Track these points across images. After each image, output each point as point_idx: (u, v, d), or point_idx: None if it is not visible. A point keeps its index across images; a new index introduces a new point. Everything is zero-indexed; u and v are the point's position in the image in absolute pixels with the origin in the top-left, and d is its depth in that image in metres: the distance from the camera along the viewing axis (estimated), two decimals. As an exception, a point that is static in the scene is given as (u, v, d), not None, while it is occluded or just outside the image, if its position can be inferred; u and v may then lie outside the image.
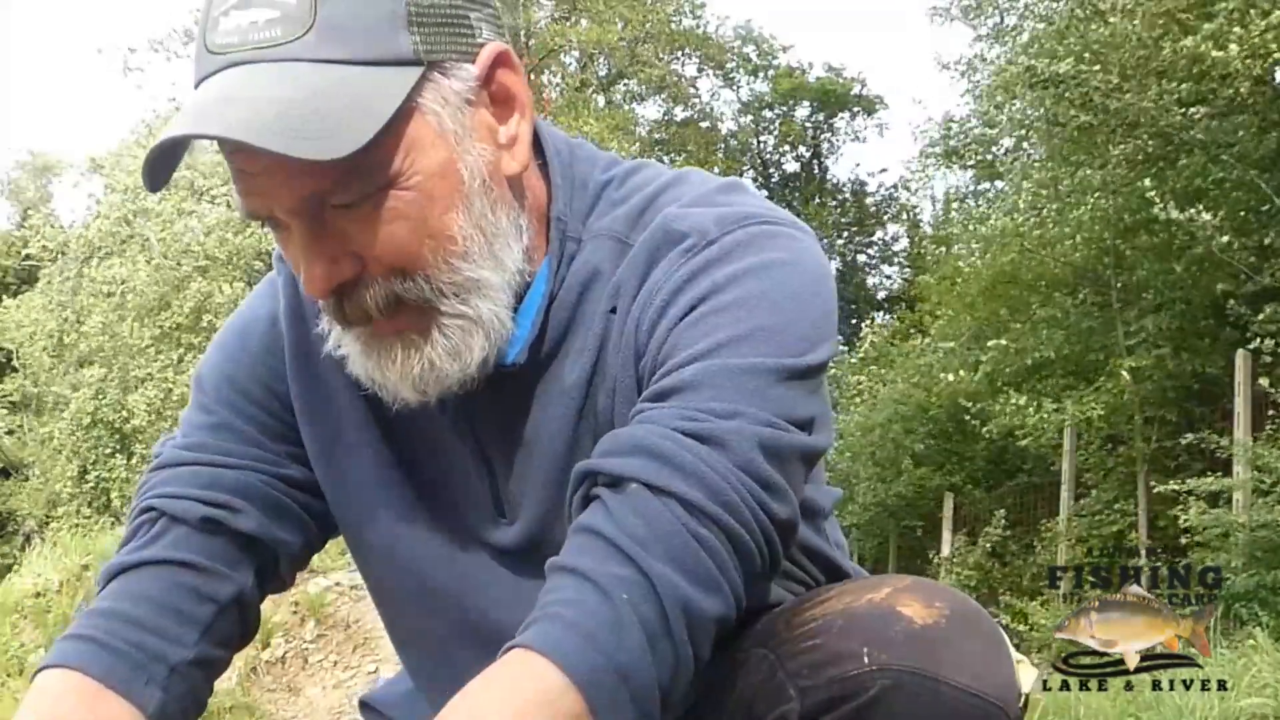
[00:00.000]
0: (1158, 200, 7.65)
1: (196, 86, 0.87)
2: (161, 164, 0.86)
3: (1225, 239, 7.87)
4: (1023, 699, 0.92)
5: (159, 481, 1.04)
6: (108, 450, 16.37)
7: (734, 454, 0.85)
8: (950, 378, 10.77)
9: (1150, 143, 8.45)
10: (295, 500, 1.07)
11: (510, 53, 0.92)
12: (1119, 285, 9.79)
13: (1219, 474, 7.13)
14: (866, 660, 0.88)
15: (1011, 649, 0.94)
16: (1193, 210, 7.80)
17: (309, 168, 0.83)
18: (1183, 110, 8.04)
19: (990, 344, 10.36)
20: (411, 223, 0.88)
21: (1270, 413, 7.48)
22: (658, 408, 0.88)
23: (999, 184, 13.15)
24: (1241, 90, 7.66)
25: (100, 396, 16.28)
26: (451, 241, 0.89)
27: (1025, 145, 11.33)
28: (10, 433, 20.05)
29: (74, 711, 0.92)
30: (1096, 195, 9.35)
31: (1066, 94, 8.69)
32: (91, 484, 16.38)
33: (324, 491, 1.08)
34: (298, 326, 1.05)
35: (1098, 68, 8.57)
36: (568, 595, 0.82)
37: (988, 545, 10.55)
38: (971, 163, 13.16)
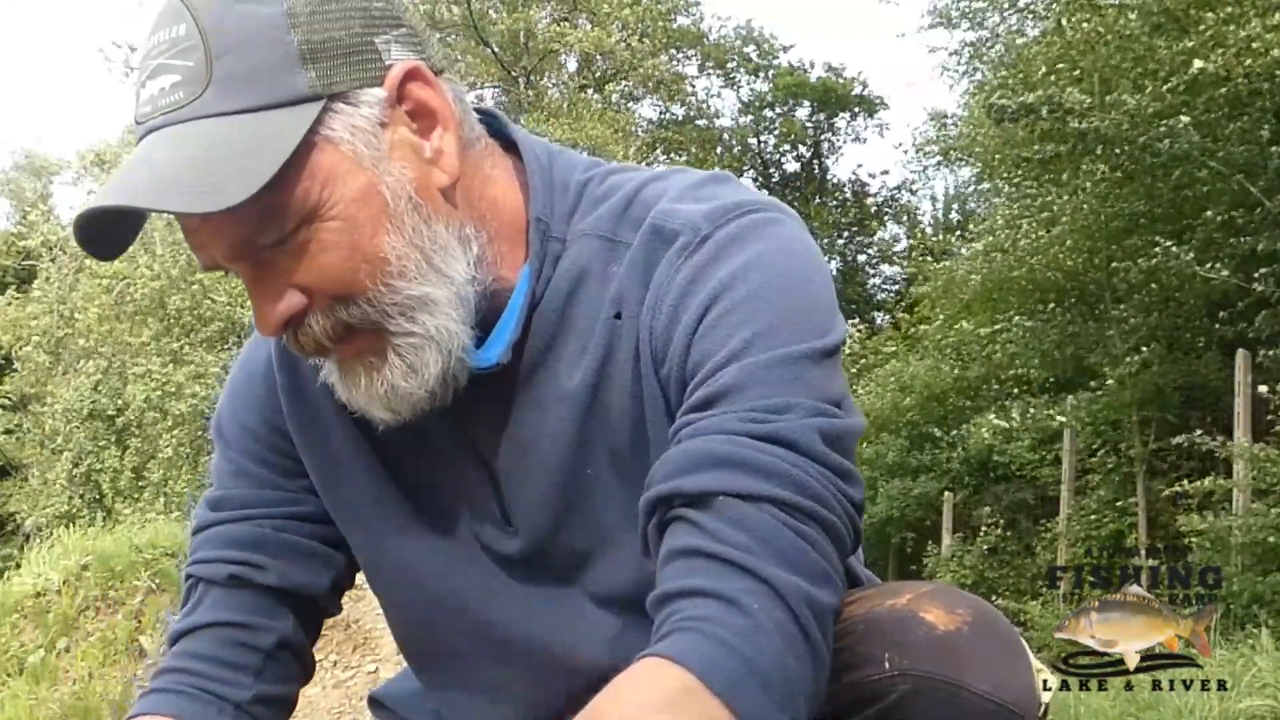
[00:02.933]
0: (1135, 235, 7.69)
1: None
2: (101, 240, 0.89)
3: (1207, 267, 7.90)
4: (1043, 708, 0.92)
5: (195, 547, 1.11)
6: (103, 444, 16.38)
7: (803, 447, 0.85)
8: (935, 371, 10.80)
9: (1132, 154, 8.41)
10: (316, 537, 1.10)
11: (422, 68, 0.92)
12: (1111, 286, 9.79)
13: (1217, 475, 7.13)
14: (887, 665, 0.89)
15: (1032, 657, 0.94)
16: (1163, 246, 7.85)
17: (230, 217, 0.85)
18: (1164, 121, 8.00)
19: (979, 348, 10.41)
20: (342, 251, 0.89)
21: (1269, 417, 7.48)
22: (708, 416, 0.88)
23: (997, 190, 13.17)
24: (1239, 87, 7.62)
25: (98, 389, 16.30)
26: (386, 263, 0.90)
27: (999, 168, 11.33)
28: (9, 432, 20.04)
29: None
30: (1071, 215, 9.36)
31: (1039, 122, 8.65)
32: (83, 474, 16.39)
33: (333, 517, 1.10)
34: (288, 362, 1.07)
35: (1077, 74, 8.54)
36: (696, 611, 0.81)
37: (984, 546, 10.56)
38: (964, 160, 13.19)
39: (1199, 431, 7.32)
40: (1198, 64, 7.42)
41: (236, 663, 1.05)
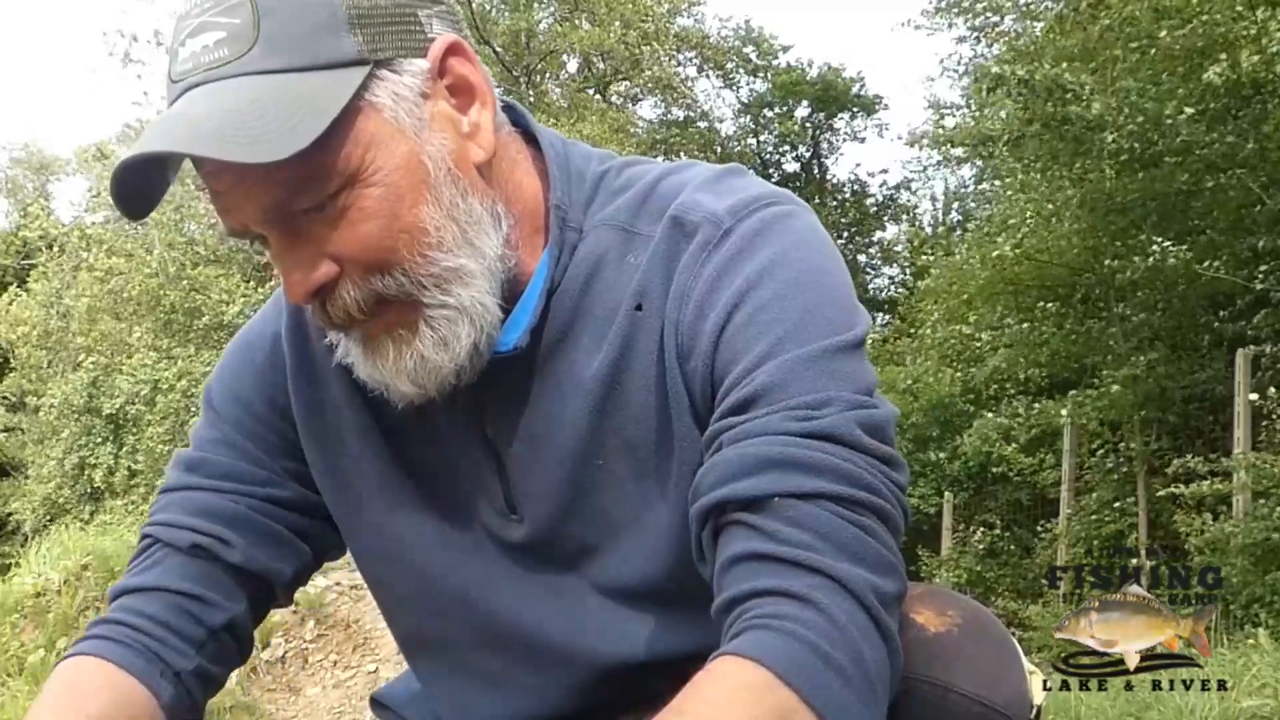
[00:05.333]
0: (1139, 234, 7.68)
1: None
2: (132, 195, 0.89)
3: (1206, 264, 7.90)
4: (1035, 710, 0.92)
5: (161, 506, 1.09)
6: (98, 439, 16.40)
7: (849, 440, 0.86)
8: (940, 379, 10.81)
9: (1133, 147, 8.37)
10: (289, 525, 1.09)
11: (463, 43, 0.93)
12: (1113, 283, 9.76)
13: (1217, 479, 7.12)
14: None
15: (1024, 659, 0.94)
16: (1159, 246, 7.84)
17: (268, 177, 0.85)
18: (1168, 110, 7.96)
19: (986, 357, 10.40)
20: (382, 219, 0.88)
21: (1265, 422, 7.48)
22: (749, 419, 0.88)
23: (998, 183, 13.16)
24: (1242, 78, 7.57)
25: (96, 384, 16.32)
26: (424, 234, 0.90)
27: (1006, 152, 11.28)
28: (9, 430, 20.07)
29: (102, 685, 0.97)
30: (1074, 210, 9.35)
31: (1041, 99, 8.60)
32: (75, 465, 16.40)
33: (329, 505, 1.09)
34: (299, 342, 1.06)
35: (1088, 64, 8.51)
36: (768, 609, 0.81)
37: (980, 547, 10.57)
38: (963, 150, 13.14)
39: (1194, 457, 7.31)
40: (1213, 70, 7.37)
41: (183, 632, 1.03)
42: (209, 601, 1.04)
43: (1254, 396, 7.17)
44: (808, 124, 23.89)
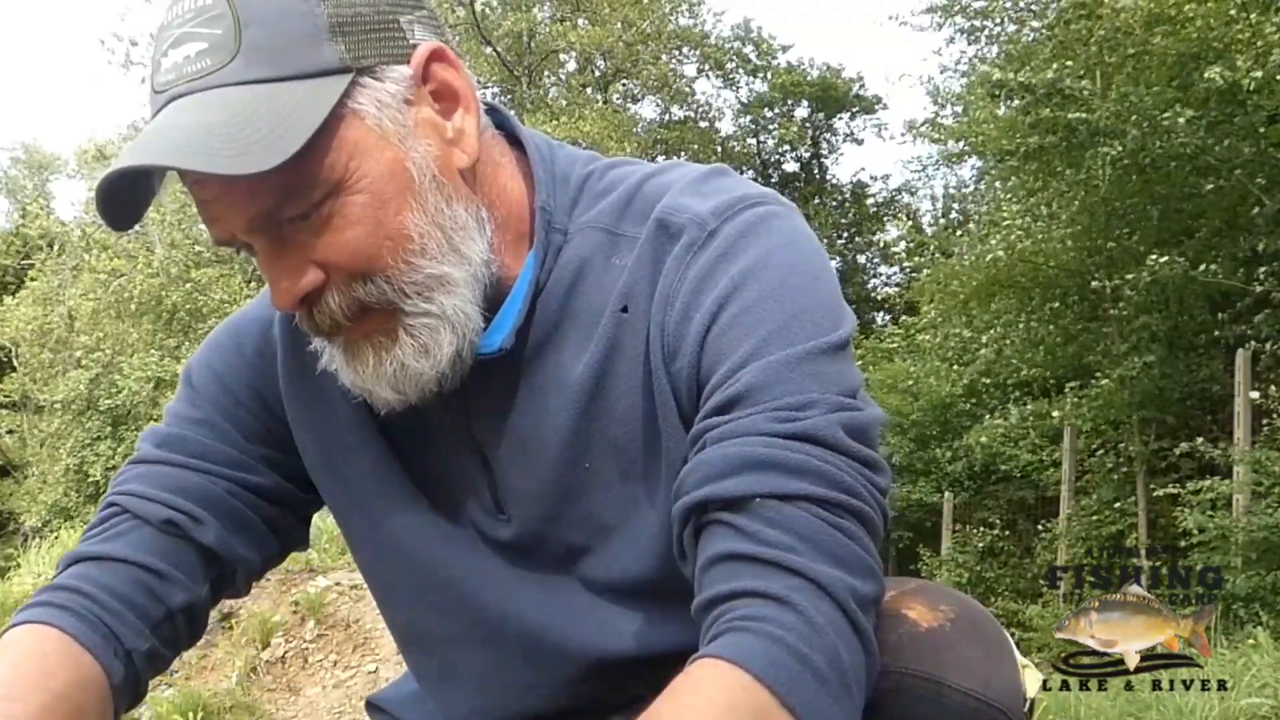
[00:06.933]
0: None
1: None
2: (117, 208, 0.88)
3: (1204, 267, 7.91)
4: (1028, 704, 0.92)
5: (131, 477, 1.06)
6: (96, 435, 16.42)
7: (831, 442, 0.86)
8: (939, 384, 10.83)
9: (1130, 150, 8.36)
10: (261, 514, 1.08)
11: (446, 49, 0.93)
12: (1111, 285, 9.77)
13: (1217, 478, 7.13)
14: None
15: (1017, 653, 0.94)
16: (1156, 260, 7.85)
17: (253, 187, 0.85)
18: (1164, 115, 7.95)
19: (980, 352, 10.41)
20: (366, 226, 0.88)
21: (1265, 420, 7.48)
22: (732, 419, 0.87)
23: (998, 185, 13.16)
24: (1239, 79, 7.56)
25: (97, 381, 16.35)
26: (409, 240, 0.90)
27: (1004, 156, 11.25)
28: (11, 432, 20.09)
29: (63, 660, 0.94)
30: (1071, 213, 9.36)
31: (1037, 105, 8.59)
32: (76, 464, 16.41)
33: (323, 493, 1.10)
34: (293, 335, 1.05)
35: (1080, 70, 8.52)
36: (747, 611, 0.81)
37: (979, 545, 10.58)
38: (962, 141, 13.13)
39: (1200, 440, 7.31)
40: (1211, 71, 7.36)
41: (142, 609, 0.99)
42: (172, 580, 1.02)
43: (1254, 394, 7.17)
44: (807, 124, 23.92)
